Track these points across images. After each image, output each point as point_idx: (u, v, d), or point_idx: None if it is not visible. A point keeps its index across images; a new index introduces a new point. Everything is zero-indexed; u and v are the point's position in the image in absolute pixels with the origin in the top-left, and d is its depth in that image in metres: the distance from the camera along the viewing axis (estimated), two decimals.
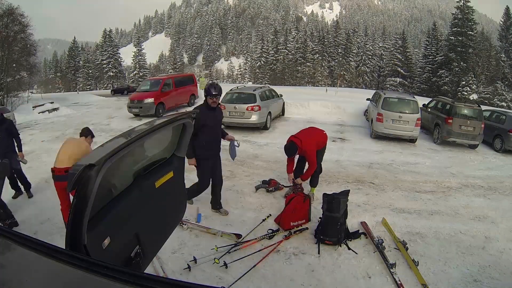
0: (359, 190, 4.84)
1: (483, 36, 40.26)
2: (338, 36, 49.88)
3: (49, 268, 0.69)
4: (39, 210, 4.05)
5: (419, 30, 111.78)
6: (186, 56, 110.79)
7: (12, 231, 0.82)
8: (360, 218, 3.88)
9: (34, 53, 19.38)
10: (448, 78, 34.32)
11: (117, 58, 50.37)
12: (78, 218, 1.16)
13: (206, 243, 3.28)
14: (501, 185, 5.51)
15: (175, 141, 2.11)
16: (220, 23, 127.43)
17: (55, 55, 73.48)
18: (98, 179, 1.17)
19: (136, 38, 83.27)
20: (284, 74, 49.04)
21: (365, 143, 8.04)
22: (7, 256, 0.77)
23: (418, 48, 53.78)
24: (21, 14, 17.88)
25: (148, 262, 1.82)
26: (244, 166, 5.95)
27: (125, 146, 1.32)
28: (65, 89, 49.65)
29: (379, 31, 75.95)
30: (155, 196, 1.83)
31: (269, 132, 8.87)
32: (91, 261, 0.68)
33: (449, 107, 8.42)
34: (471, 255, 3.27)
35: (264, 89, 9.71)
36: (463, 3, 34.13)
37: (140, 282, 0.61)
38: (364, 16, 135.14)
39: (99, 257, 1.22)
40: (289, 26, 70.92)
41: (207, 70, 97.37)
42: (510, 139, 7.96)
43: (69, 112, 14.09)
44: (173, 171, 2.02)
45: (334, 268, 2.97)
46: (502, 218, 4.15)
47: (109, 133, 8.81)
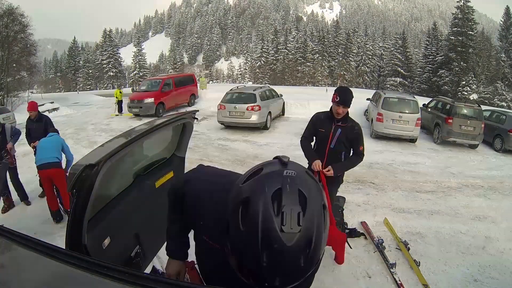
0: (359, 190, 4.84)
1: (483, 36, 40.28)
2: (338, 36, 49.84)
3: (49, 268, 0.69)
4: (39, 210, 4.05)
5: (419, 30, 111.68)
6: (186, 56, 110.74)
7: (12, 231, 0.82)
8: (360, 218, 3.88)
9: (34, 53, 19.41)
10: (448, 78, 34.29)
11: (117, 58, 50.37)
12: (78, 218, 1.16)
13: None
14: (501, 185, 5.50)
15: (175, 141, 2.12)
16: (220, 23, 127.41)
17: (55, 55, 73.48)
18: (98, 179, 1.17)
19: (136, 38, 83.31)
20: (284, 74, 49.02)
21: (365, 143, 8.02)
22: (7, 256, 0.77)
23: (418, 48, 53.70)
24: (21, 14, 17.91)
25: (148, 262, 1.82)
26: (244, 166, 5.95)
27: (125, 146, 1.32)
28: (65, 89, 49.65)
29: (379, 31, 75.99)
30: (155, 196, 1.83)
31: (269, 132, 8.87)
32: (91, 261, 0.68)
33: (449, 107, 8.42)
34: (471, 255, 3.27)
35: (264, 89, 9.72)
36: (463, 3, 34.10)
37: (140, 282, 0.61)
38: (364, 16, 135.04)
39: (99, 257, 1.22)
40: (289, 26, 70.96)
41: (207, 70, 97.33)
42: (510, 139, 7.96)
43: (69, 112, 14.11)
44: (173, 171, 2.03)
45: (334, 268, 2.96)
46: (502, 218, 4.15)
47: (109, 133, 8.81)
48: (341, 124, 2.63)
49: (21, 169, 4.40)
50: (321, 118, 2.75)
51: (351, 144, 2.67)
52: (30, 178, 4.50)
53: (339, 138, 2.64)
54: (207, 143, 7.67)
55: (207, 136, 8.42)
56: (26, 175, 4.49)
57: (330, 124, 2.66)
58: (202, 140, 7.92)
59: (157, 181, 1.84)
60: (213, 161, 6.24)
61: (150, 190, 1.78)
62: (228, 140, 8.05)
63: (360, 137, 2.68)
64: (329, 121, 2.67)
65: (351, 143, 2.67)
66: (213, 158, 6.49)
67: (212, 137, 8.26)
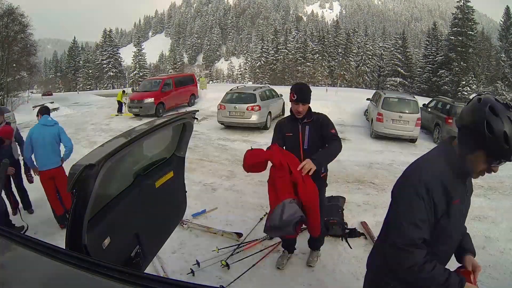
0: (359, 190, 4.84)
1: (483, 36, 40.35)
2: (338, 36, 49.90)
3: (49, 268, 0.69)
4: (38, 210, 4.05)
5: (419, 30, 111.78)
6: (186, 56, 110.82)
7: (12, 231, 0.82)
8: (360, 218, 3.88)
9: (34, 53, 19.42)
10: (448, 78, 34.32)
11: (117, 58, 50.46)
12: (78, 218, 1.16)
13: (207, 243, 3.28)
14: (501, 185, 5.50)
15: (175, 141, 2.12)
16: (220, 23, 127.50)
17: (55, 55, 73.55)
18: (98, 179, 1.17)
19: (136, 38, 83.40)
20: (284, 74, 49.06)
21: (365, 143, 8.04)
22: (7, 256, 0.77)
23: (418, 48, 53.80)
24: (21, 14, 17.93)
25: (148, 262, 1.82)
26: None
27: (125, 146, 1.32)
28: (65, 89, 49.69)
29: (379, 31, 76.06)
30: (155, 196, 1.83)
31: (269, 132, 8.85)
32: (91, 261, 0.68)
33: (449, 107, 8.42)
34: None
35: (264, 89, 9.72)
36: (463, 3, 34.13)
37: (140, 282, 0.61)
38: (364, 16, 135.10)
39: (99, 257, 1.22)
40: (289, 26, 71.04)
41: (207, 70, 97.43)
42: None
43: (69, 112, 14.12)
44: (173, 171, 2.03)
45: (334, 268, 2.96)
46: (502, 218, 4.15)
47: (109, 133, 8.82)
48: (306, 120, 2.45)
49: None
50: (285, 123, 2.55)
51: (323, 137, 2.42)
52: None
53: (310, 136, 2.44)
54: (207, 143, 7.67)
55: (207, 136, 8.42)
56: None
57: (296, 126, 2.47)
58: (202, 140, 7.92)
59: (157, 181, 1.84)
60: (213, 161, 6.24)
61: (150, 190, 1.78)
62: (228, 140, 8.06)
63: (328, 122, 2.46)
64: (294, 123, 2.48)
65: (323, 137, 2.42)
66: (213, 158, 6.49)
67: (212, 137, 8.26)
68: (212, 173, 5.49)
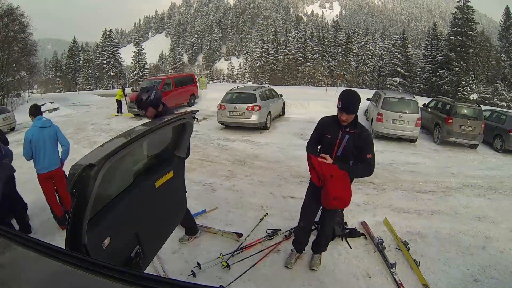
0: (359, 190, 4.84)
1: (483, 36, 40.28)
2: (338, 36, 49.85)
3: (49, 268, 0.69)
4: (38, 210, 4.05)
5: (419, 30, 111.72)
6: (186, 56, 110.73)
7: (12, 231, 0.82)
8: (360, 218, 3.88)
9: (34, 53, 19.43)
10: (448, 78, 34.30)
11: (117, 58, 50.42)
12: (78, 218, 1.16)
13: (207, 243, 3.28)
14: (501, 185, 5.51)
15: (175, 141, 2.12)
16: (220, 23, 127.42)
17: (55, 55, 73.43)
18: (98, 179, 1.17)
19: (136, 38, 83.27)
20: (284, 74, 49.06)
21: None
22: (7, 256, 0.77)
23: (418, 48, 53.74)
24: (21, 14, 17.93)
25: (148, 262, 1.82)
26: (244, 166, 5.95)
27: (125, 146, 1.32)
28: (65, 89, 49.68)
29: (379, 31, 76.04)
30: (155, 196, 1.83)
31: (269, 132, 8.87)
32: (91, 261, 0.68)
33: (449, 107, 8.43)
34: (471, 255, 3.26)
35: (264, 89, 9.71)
36: (463, 3, 34.11)
37: (140, 282, 0.61)
38: (364, 16, 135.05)
39: (99, 257, 1.22)
40: (289, 26, 70.97)
41: (207, 70, 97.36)
42: (510, 139, 7.97)
43: (69, 112, 14.12)
44: (173, 171, 2.03)
45: (334, 268, 2.97)
46: (502, 218, 4.15)
47: (109, 133, 8.82)
48: (349, 130, 2.38)
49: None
50: (328, 123, 2.49)
51: (359, 152, 2.40)
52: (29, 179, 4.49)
53: (347, 145, 2.39)
54: (207, 143, 7.67)
55: (207, 136, 8.42)
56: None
57: (337, 130, 2.41)
58: (202, 140, 7.92)
59: (157, 181, 1.84)
60: (213, 161, 6.24)
61: (150, 190, 1.78)
62: (228, 140, 8.06)
63: (369, 144, 2.40)
64: (336, 127, 2.42)
65: (359, 152, 2.40)
66: (213, 158, 6.49)
67: (212, 137, 8.26)
68: (212, 173, 5.49)
